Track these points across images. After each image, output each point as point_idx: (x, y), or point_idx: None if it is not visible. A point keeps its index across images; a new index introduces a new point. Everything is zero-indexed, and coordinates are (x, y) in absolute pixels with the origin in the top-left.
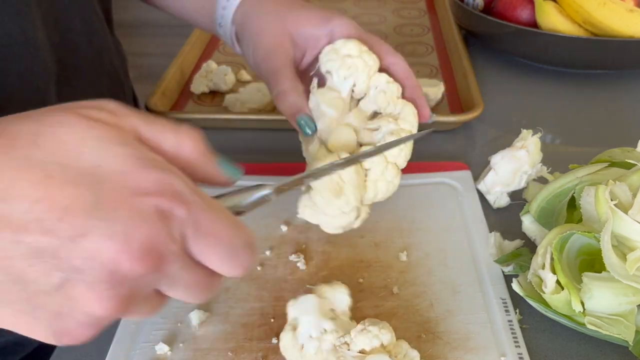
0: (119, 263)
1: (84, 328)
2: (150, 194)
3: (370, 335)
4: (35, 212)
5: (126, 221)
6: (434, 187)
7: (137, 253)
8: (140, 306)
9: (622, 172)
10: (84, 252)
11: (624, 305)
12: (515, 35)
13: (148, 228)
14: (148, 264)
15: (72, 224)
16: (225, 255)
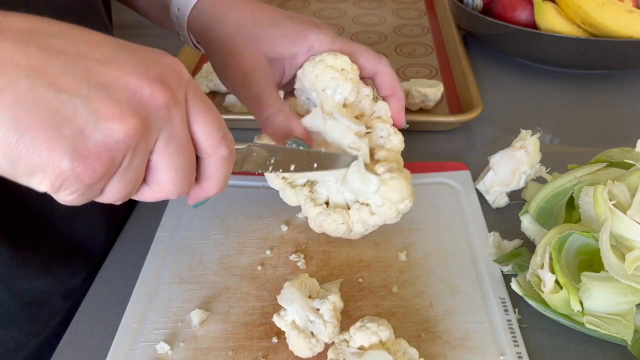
0: (141, 86)
1: (102, 151)
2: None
3: (369, 332)
4: (71, 40)
5: (146, 61)
6: (434, 187)
7: (155, 82)
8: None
9: (620, 172)
10: (111, 72)
11: (622, 304)
12: (515, 36)
13: (164, 70)
14: (163, 93)
15: (102, 52)
16: (216, 123)
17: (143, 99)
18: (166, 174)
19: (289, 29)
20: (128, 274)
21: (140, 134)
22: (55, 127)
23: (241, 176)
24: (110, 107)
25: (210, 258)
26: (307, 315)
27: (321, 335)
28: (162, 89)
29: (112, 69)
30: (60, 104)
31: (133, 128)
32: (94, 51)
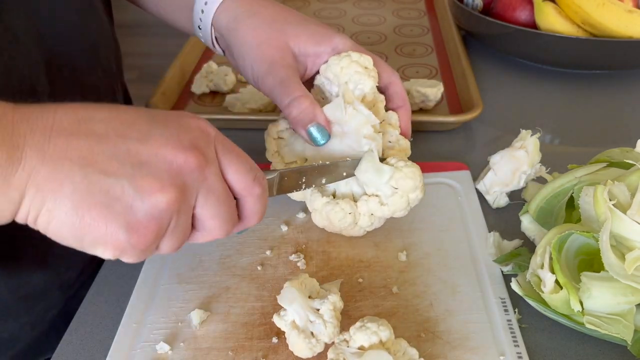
0: (176, 156)
1: (150, 221)
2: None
3: (368, 332)
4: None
5: (177, 129)
6: (434, 187)
7: (188, 149)
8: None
9: (620, 172)
10: (149, 149)
11: (622, 304)
12: (515, 36)
13: (193, 134)
14: (196, 158)
15: (139, 130)
16: (245, 167)
17: (179, 168)
18: (211, 222)
19: (316, 29)
20: (128, 274)
21: (180, 199)
22: (108, 207)
23: None
24: (152, 182)
25: (210, 258)
26: (307, 315)
27: (321, 335)
28: (194, 154)
29: (149, 145)
30: (110, 187)
31: (174, 196)
32: (132, 130)
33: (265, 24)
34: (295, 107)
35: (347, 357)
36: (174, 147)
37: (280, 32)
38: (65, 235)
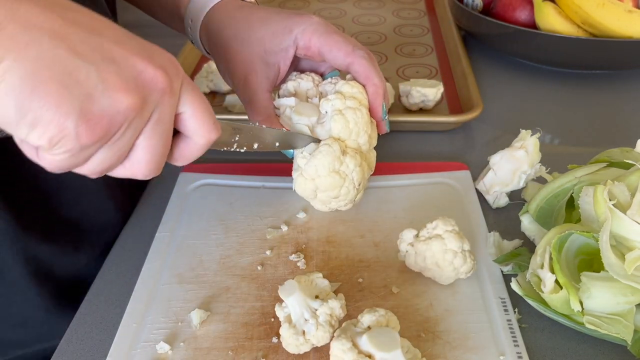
0: (146, 68)
1: (103, 117)
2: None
3: (377, 314)
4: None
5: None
6: (434, 187)
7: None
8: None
9: (620, 172)
10: (121, 51)
11: (622, 304)
12: (515, 36)
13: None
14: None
15: (114, 33)
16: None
17: (146, 80)
18: (143, 154)
19: (276, 25)
20: (128, 274)
21: (138, 109)
22: (67, 87)
23: (241, 176)
24: (117, 80)
25: (210, 258)
26: (303, 313)
27: (310, 336)
28: (163, 75)
29: (123, 48)
30: (75, 68)
31: (134, 102)
32: (108, 30)
33: (231, 38)
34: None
35: (354, 335)
36: (146, 60)
37: (246, 42)
38: (7, 104)
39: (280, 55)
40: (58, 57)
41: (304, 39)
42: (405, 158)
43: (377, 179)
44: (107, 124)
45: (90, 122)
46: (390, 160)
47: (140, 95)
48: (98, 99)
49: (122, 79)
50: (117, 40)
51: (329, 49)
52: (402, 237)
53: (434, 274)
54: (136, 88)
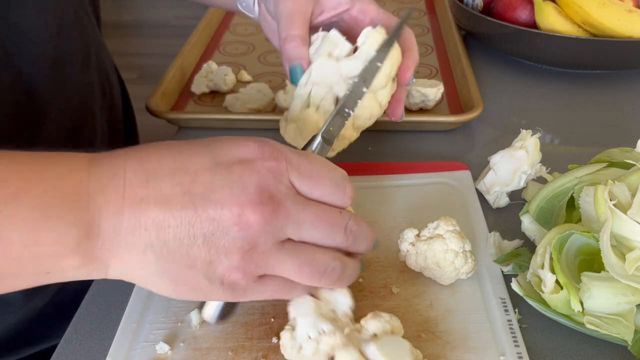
0: (241, 210)
1: (232, 272)
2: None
3: (382, 320)
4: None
5: (240, 175)
6: (434, 187)
7: (254, 198)
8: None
9: (621, 172)
10: (213, 205)
11: (622, 304)
12: (515, 36)
13: (259, 177)
14: (264, 206)
15: (202, 182)
16: (331, 186)
17: (248, 224)
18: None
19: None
20: None
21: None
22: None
23: None
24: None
25: None
26: (308, 331)
27: (306, 355)
28: (259, 207)
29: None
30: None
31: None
32: (196, 185)
33: None
34: (289, 42)
35: (360, 342)
36: (239, 201)
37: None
38: (169, 293)
39: (330, 2)
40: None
41: (364, 3)
42: (405, 158)
43: (377, 179)
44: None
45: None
46: (390, 160)
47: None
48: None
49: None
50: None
51: (385, 17)
52: (403, 237)
53: (434, 273)
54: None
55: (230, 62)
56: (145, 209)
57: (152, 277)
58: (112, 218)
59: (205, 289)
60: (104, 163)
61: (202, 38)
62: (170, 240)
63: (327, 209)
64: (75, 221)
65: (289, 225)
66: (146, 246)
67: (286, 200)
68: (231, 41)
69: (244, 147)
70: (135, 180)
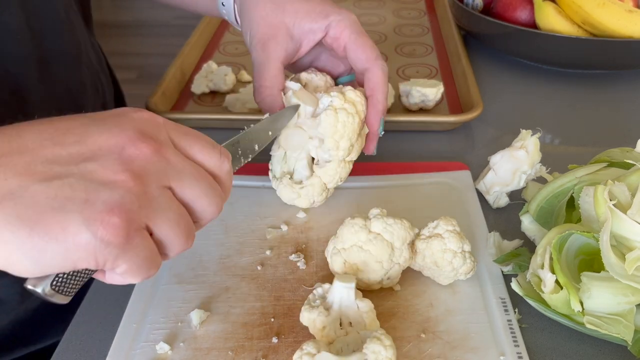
0: (123, 146)
1: (112, 209)
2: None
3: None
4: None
5: (117, 122)
6: (434, 187)
7: (135, 138)
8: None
9: (621, 172)
10: (91, 146)
11: (622, 304)
12: (515, 36)
13: (137, 123)
14: (147, 144)
15: (75, 134)
16: (207, 145)
17: (132, 155)
18: (201, 201)
19: (315, 5)
20: None
21: (140, 183)
22: (60, 209)
23: (241, 176)
24: (104, 171)
25: (210, 258)
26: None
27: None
28: (143, 139)
29: (91, 143)
30: (56, 190)
31: (131, 180)
32: (68, 136)
33: (267, 2)
34: (257, 94)
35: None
36: (120, 138)
37: (279, 11)
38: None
39: (307, 34)
40: (35, 193)
41: (337, 29)
42: (405, 158)
43: (377, 179)
44: (120, 212)
45: (104, 221)
46: (390, 160)
47: (134, 170)
48: (96, 198)
49: (106, 168)
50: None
51: (355, 47)
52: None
53: (432, 273)
54: (126, 166)
55: (230, 62)
56: (7, 161)
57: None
58: None
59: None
60: None
61: (202, 38)
62: (34, 183)
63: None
64: None
65: (170, 171)
66: (4, 196)
67: (167, 147)
68: (231, 41)
69: (117, 109)
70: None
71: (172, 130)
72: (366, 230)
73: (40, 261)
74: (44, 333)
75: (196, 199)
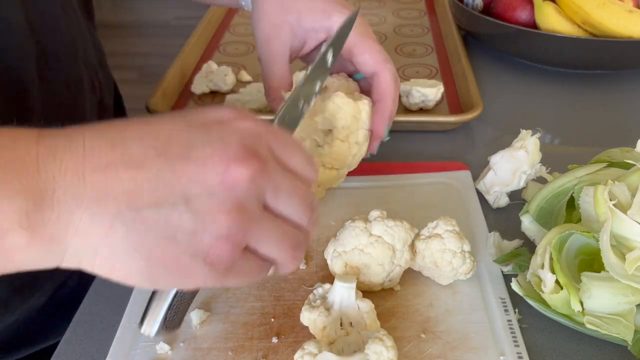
0: (227, 165)
1: (219, 242)
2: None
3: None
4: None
5: (220, 133)
6: (434, 187)
7: (238, 153)
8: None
9: (621, 172)
10: (194, 163)
11: (622, 304)
12: (515, 36)
13: (241, 136)
14: (251, 165)
15: (178, 142)
16: (304, 159)
17: (236, 180)
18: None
19: (319, 5)
20: None
21: (245, 212)
22: (172, 239)
23: None
24: (210, 203)
25: None
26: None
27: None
28: (246, 159)
29: (195, 158)
30: (166, 217)
31: (236, 213)
32: (171, 145)
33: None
34: (268, 95)
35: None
36: (223, 159)
37: (283, 8)
38: (139, 280)
39: (310, 33)
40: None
41: (334, 26)
42: (405, 158)
43: (377, 179)
44: (227, 244)
45: (212, 255)
46: (390, 160)
47: (238, 198)
48: (203, 232)
49: (212, 200)
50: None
51: (361, 51)
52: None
53: (432, 273)
54: (229, 197)
55: (230, 62)
56: (113, 175)
57: (121, 257)
58: (71, 186)
59: (184, 267)
60: (56, 134)
61: (202, 38)
62: (144, 208)
63: (301, 183)
64: (21, 189)
65: (268, 189)
66: (115, 217)
67: (269, 162)
68: (231, 41)
69: (218, 111)
70: (97, 147)
71: (273, 141)
72: (367, 233)
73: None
74: (49, 333)
75: (290, 214)
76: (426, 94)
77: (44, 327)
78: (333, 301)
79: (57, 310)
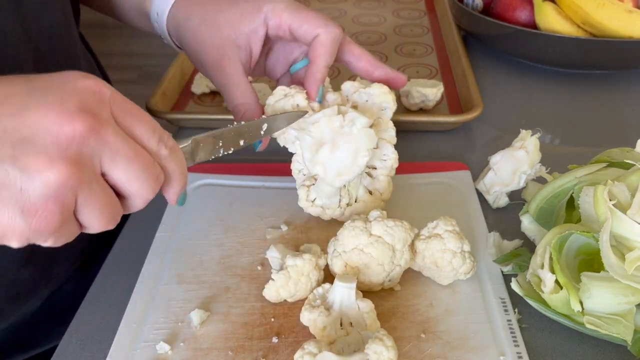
0: (62, 125)
1: (46, 201)
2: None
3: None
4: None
5: (60, 94)
6: (434, 187)
7: (75, 115)
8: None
9: (620, 172)
10: (27, 122)
11: (622, 304)
12: (515, 36)
13: (80, 96)
14: (86, 122)
15: (12, 103)
16: (150, 128)
17: (68, 137)
18: (132, 184)
19: (245, 5)
20: (128, 274)
21: (77, 172)
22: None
23: (241, 176)
24: (38, 159)
25: (210, 258)
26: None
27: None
28: (82, 119)
29: (27, 118)
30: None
31: (67, 170)
32: (6, 105)
33: (199, 23)
34: (237, 113)
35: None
36: (58, 115)
37: (215, 26)
38: None
39: (251, 36)
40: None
41: (275, 18)
42: (405, 158)
43: None
44: (54, 205)
45: (38, 213)
46: None
47: (71, 158)
48: (30, 189)
49: (41, 156)
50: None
51: (299, 24)
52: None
53: (432, 273)
54: (61, 154)
55: None
56: None
57: None
58: None
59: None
60: None
61: None
62: None
63: (144, 151)
64: None
65: (105, 153)
66: None
67: (108, 125)
68: None
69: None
70: None
71: (117, 107)
72: (367, 233)
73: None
74: (43, 337)
75: (127, 182)
76: (426, 94)
77: (38, 332)
78: (333, 301)
79: (52, 316)
